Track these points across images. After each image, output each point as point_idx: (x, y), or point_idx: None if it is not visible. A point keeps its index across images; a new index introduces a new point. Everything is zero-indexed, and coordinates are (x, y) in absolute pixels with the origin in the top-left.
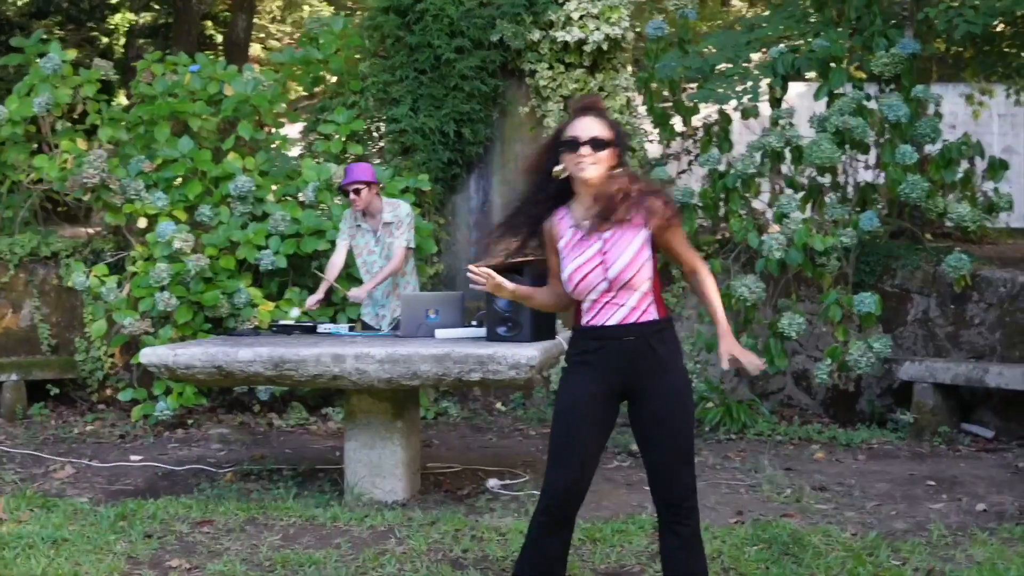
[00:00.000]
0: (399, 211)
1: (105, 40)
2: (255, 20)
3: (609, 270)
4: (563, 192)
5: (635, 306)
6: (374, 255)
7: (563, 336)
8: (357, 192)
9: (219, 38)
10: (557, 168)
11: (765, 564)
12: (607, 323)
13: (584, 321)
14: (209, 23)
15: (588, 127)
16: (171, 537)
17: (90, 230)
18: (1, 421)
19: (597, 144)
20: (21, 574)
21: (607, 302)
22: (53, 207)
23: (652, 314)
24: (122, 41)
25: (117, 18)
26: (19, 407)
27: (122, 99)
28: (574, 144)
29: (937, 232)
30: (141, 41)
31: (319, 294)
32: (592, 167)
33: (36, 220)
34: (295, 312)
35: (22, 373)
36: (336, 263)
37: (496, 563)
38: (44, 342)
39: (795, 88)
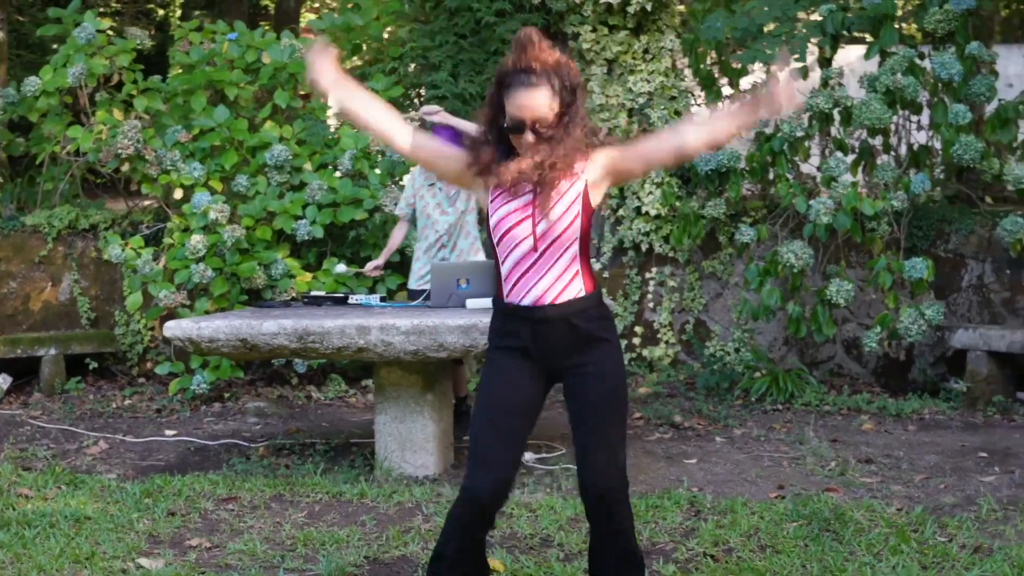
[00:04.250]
0: None
1: (161, 12)
2: None
3: (539, 224)
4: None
5: (559, 275)
6: (448, 215)
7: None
8: None
9: (272, 8)
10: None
11: (804, 541)
12: (524, 301)
13: (504, 295)
14: None
15: (529, 101)
16: (195, 515)
17: (131, 202)
18: (39, 396)
19: (543, 125)
20: (40, 554)
21: (530, 267)
22: (97, 180)
23: (578, 288)
24: (178, 13)
25: None
26: (58, 381)
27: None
28: (519, 128)
29: (998, 196)
30: (196, 13)
31: (379, 260)
32: (544, 149)
33: (80, 193)
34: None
35: (60, 347)
36: (397, 237)
37: (524, 541)
38: (83, 316)
39: (854, 51)
